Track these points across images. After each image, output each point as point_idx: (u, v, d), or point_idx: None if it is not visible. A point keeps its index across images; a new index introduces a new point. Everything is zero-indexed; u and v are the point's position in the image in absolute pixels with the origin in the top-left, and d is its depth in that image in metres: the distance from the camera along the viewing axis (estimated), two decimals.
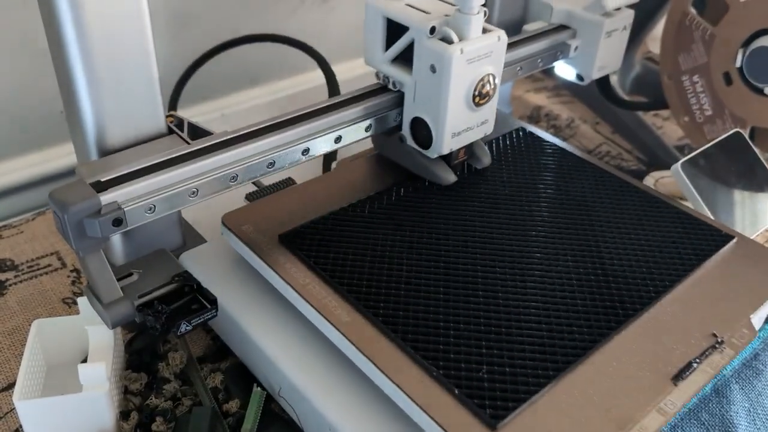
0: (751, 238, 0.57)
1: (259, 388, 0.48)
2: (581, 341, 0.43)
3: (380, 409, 0.43)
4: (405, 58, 0.52)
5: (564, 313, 0.45)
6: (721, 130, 0.67)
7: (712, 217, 0.55)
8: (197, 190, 0.45)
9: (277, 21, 0.82)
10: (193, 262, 0.53)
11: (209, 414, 0.47)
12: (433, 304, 0.45)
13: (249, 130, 0.48)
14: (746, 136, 0.63)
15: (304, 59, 0.71)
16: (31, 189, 0.73)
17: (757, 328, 0.47)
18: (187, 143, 0.47)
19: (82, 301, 0.49)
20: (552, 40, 0.64)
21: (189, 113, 0.52)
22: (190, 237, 0.56)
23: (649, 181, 0.69)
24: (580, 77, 0.68)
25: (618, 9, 0.64)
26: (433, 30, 0.49)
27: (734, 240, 0.52)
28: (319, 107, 0.51)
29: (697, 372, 0.42)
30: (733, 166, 0.60)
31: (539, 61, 0.63)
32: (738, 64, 0.65)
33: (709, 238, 0.52)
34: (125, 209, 0.42)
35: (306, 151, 0.50)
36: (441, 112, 0.51)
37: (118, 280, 0.44)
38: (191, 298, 0.45)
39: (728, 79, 0.66)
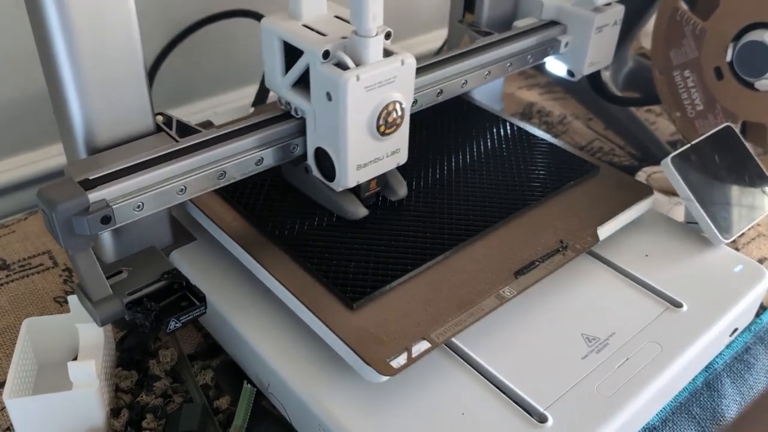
0: (742, 231, 0.57)
1: (249, 385, 0.48)
2: (441, 244, 0.51)
3: (371, 402, 0.43)
4: (306, 83, 0.47)
5: (430, 220, 0.53)
6: (713, 125, 0.67)
7: (702, 212, 0.55)
8: (185, 188, 0.45)
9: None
10: (183, 259, 0.53)
11: (200, 411, 0.47)
12: (333, 235, 0.52)
13: (237, 128, 0.48)
14: (737, 130, 0.63)
15: None
16: (23, 189, 0.73)
17: (602, 238, 0.53)
18: (176, 141, 0.47)
19: (73, 300, 0.49)
20: (542, 36, 0.64)
21: (179, 113, 0.52)
22: (180, 235, 0.56)
23: (642, 176, 0.69)
24: (570, 73, 0.68)
25: (608, 4, 0.64)
26: (326, 54, 0.45)
27: (599, 169, 0.60)
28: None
29: (538, 269, 0.49)
30: (723, 160, 0.60)
31: (529, 57, 0.63)
32: (729, 58, 0.65)
33: (577, 168, 0.60)
34: (113, 207, 0.42)
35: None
36: (341, 142, 0.46)
37: (108, 277, 0.45)
38: (180, 296, 0.46)
39: (719, 74, 0.66)
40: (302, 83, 0.48)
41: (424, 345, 0.43)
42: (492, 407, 0.43)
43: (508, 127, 0.66)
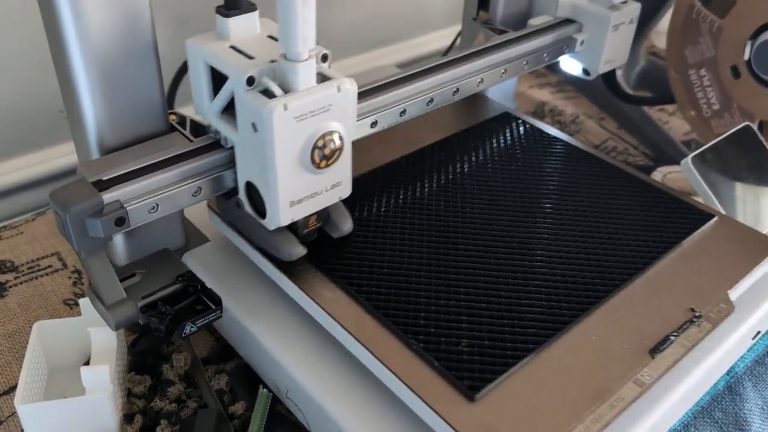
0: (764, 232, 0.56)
1: (265, 390, 0.47)
2: (560, 316, 0.44)
3: (390, 411, 0.42)
4: (233, 111, 0.43)
5: (544, 289, 0.46)
6: (729, 125, 0.66)
7: (723, 212, 0.55)
8: (200, 189, 0.44)
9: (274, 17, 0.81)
10: (197, 262, 0.53)
11: (214, 416, 0.47)
12: (416, 284, 0.46)
13: (174, 154, 0.46)
14: (756, 129, 0.62)
15: None
16: (31, 189, 0.72)
17: (733, 301, 0.47)
18: (190, 141, 0.46)
19: (84, 303, 0.48)
20: (558, 35, 0.63)
21: (189, 111, 0.52)
22: (193, 237, 0.55)
23: (657, 176, 0.68)
24: (586, 72, 0.67)
25: (624, 2, 0.63)
26: (251, 81, 0.40)
27: (715, 218, 0.53)
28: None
29: (675, 345, 0.44)
30: (743, 160, 0.59)
31: (545, 55, 0.62)
32: (746, 57, 0.64)
33: (690, 217, 0.53)
34: (128, 208, 0.41)
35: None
36: (270, 177, 0.41)
37: (121, 280, 0.44)
38: (196, 299, 0.45)
39: (736, 73, 0.65)
40: (231, 110, 0.43)
41: None
42: None
43: (617, 176, 0.58)
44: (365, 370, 0.43)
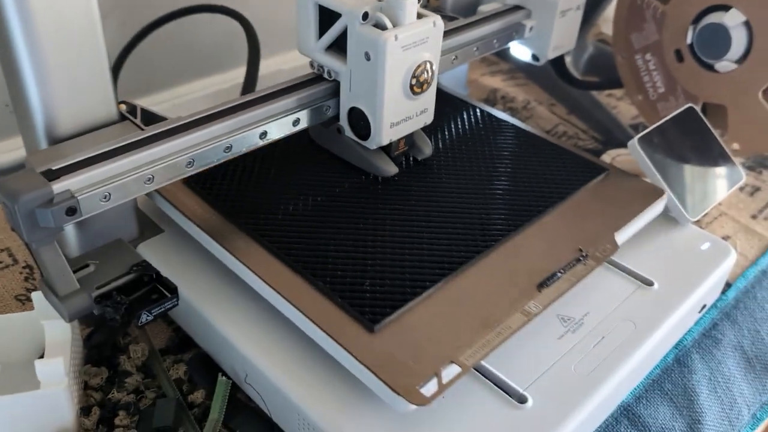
0: (707, 210, 0.58)
1: (224, 377, 0.47)
2: (457, 256, 0.48)
3: (348, 390, 0.42)
4: (339, 46, 0.50)
5: (444, 233, 0.50)
6: (674, 107, 0.68)
7: (669, 192, 0.56)
8: (153, 177, 0.44)
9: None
10: (151, 252, 0.52)
11: (174, 406, 0.46)
12: (326, 233, 0.50)
13: (204, 115, 0.47)
14: (699, 111, 0.64)
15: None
16: None
17: (619, 243, 0.51)
18: (141, 129, 0.46)
19: (37, 296, 0.48)
20: (507, 21, 0.64)
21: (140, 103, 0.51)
22: (147, 227, 0.55)
23: (606, 159, 0.69)
24: (535, 57, 0.68)
25: None
26: (365, 16, 0.47)
27: (607, 171, 0.58)
28: (275, 90, 0.51)
29: (561, 280, 0.47)
30: (688, 141, 0.61)
31: (495, 41, 0.63)
32: (689, 41, 0.66)
33: (585, 170, 0.58)
34: (79, 198, 0.41)
35: (264, 135, 0.49)
36: (378, 101, 0.49)
37: (74, 272, 0.43)
38: (151, 288, 0.44)
39: (680, 57, 0.67)
40: (335, 46, 0.50)
41: (453, 369, 0.40)
42: (470, 389, 0.43)
43: (512, 130, 0.63)
44: (322, 352, 0.43)
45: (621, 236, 0.52)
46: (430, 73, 0.50)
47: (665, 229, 0.57)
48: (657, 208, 0.55)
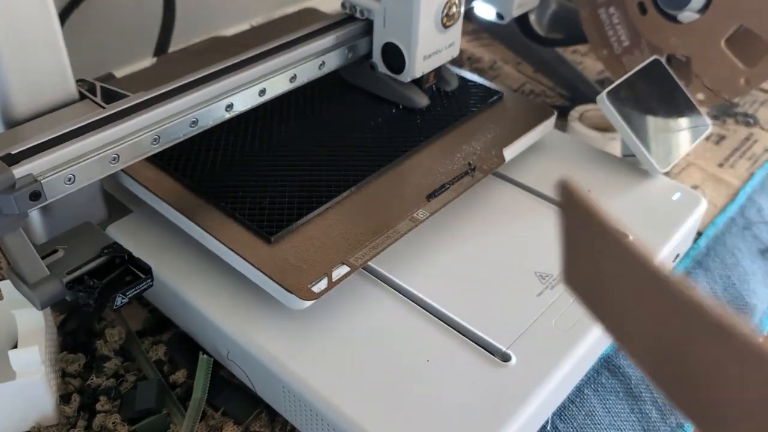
0: (677, 160, 0.59)
1: (205, 356, 0.46)
2: (353, 175, 0.51)
3: (333, 360, 0.42)
4: None
5: (342, 155, 0.53)
6: (639, 61, 0.68)
7: (639, 144, 0.56)
8: (118, 156, 0.43)
9: None
10: (121, 233, 0.51)
11: (155, 387, 0.46)
12: (234, 161, 0.52)
13: (168, 89, 0.46)
14: (664, 63, 0.64)
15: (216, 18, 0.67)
16: None
17: (508, 159, 0.55)
18: (102, 107, 0.45)
19: (6, 285, 0.46)
20: None
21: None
22: (115, 209, 0.53)
23: (575, 115, 0.69)
24: (500, 16, 0.67)
25: None
26: None
27: (502, 94, 0.61)
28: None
29: (449, 191, 0.51)
30: (654, 93, 0.61)
31: None
32: None
33: (481, 95, 0.61)
34: (42, 181, 0.40)
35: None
36: (413, 34, 0.53)
37: (43, 258, 0.42)
38: (124, 270, 0.43)
39: (643, 9, 0.67)
40: None
41: (343, 269, 0.44)
42: (455, 350, 0.43)
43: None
44: (307, 323, 0.43)
45: (509, 151, 0.55)
46: (457, 7, 0.54)
47: (636, 182, 0.57)
48: (547, 125, 0.59)
